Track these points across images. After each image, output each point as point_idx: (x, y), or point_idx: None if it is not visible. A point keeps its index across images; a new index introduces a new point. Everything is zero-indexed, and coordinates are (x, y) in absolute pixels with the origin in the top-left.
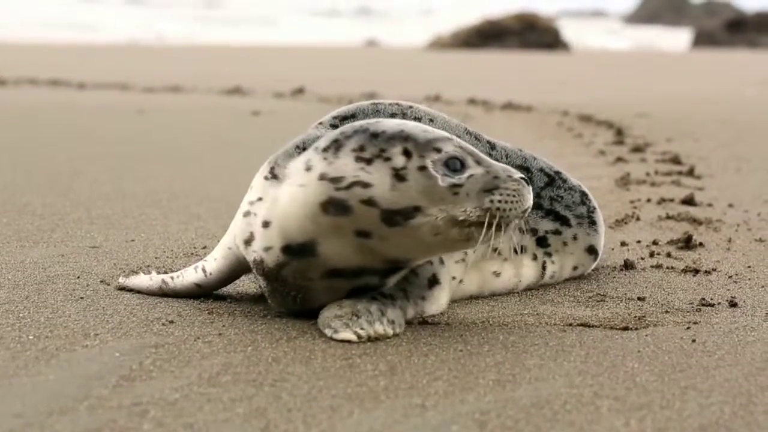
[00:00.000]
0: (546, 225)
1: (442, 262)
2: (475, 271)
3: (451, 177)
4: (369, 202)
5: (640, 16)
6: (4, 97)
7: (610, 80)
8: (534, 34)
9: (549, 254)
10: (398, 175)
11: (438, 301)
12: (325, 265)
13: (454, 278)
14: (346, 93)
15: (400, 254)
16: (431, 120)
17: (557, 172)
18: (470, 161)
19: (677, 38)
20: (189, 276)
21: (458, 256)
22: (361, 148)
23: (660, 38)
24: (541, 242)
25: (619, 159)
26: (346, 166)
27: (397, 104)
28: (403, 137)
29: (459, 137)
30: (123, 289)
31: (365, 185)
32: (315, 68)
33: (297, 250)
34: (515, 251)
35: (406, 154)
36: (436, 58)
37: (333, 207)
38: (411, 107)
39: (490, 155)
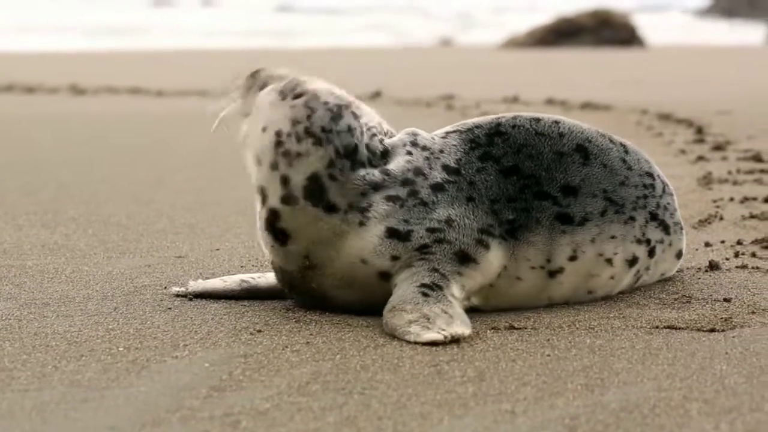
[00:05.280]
0: (657, 235)
1: (484, 245)
2: (576, 278)
3: None
4: None
5: (715, 10)
6: (83, 106)
7: (688, 77)
8: (609, 31)
9: (648, 267)
10: None
11: (475, 279)
12: None
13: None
14: (423, 96)
15: None
16: (558, 123)
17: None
18: None
19: (752, 33)
20: (272, 277)
21: (534, 261)
22: None
23: (734, 33)
24: (652, 253)
25: (700, 158)
26: None
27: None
28: None
29: (591, 138)
30: (200, 296)
31: None
32: (390, 70)
33: None
34: None
35: None
36: (511, 57)
37: None
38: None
39: (623, 160)
